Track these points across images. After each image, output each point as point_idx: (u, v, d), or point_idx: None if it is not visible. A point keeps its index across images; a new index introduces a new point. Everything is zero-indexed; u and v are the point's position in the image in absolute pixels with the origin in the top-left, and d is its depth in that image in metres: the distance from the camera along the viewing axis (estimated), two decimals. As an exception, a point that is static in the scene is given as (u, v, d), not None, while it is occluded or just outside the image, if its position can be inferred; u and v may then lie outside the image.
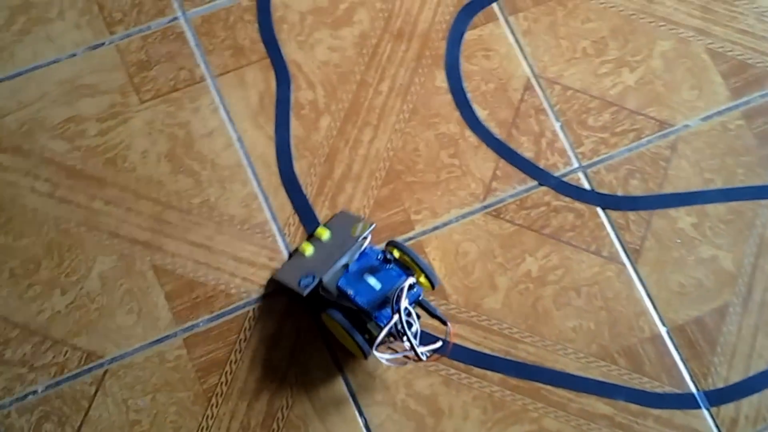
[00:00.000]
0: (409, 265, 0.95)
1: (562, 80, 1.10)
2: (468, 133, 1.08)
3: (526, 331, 1.02)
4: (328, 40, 1.10)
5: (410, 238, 1.04)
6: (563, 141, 1.08)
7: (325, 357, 1.00)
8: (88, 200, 1.02)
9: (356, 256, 0.95)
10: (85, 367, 0.98)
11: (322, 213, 1.04)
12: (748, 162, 1.08)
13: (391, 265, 0.94)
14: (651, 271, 1.05)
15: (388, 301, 0.90)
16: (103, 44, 1.07)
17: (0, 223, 1.01)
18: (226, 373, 0.99)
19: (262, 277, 1.02)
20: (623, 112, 1.09)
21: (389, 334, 0.88)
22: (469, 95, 1.09)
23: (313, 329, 1.00)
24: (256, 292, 1.01)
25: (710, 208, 1.07)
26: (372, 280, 0.93)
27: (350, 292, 0.92)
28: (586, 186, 1.07)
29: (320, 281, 0.95)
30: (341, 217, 1.04)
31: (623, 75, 1.11)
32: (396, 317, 0.87)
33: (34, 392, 0.97)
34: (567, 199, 1.06)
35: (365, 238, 0.97)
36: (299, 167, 1.05)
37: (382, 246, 0.98)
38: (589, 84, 1.10)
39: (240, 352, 1.00)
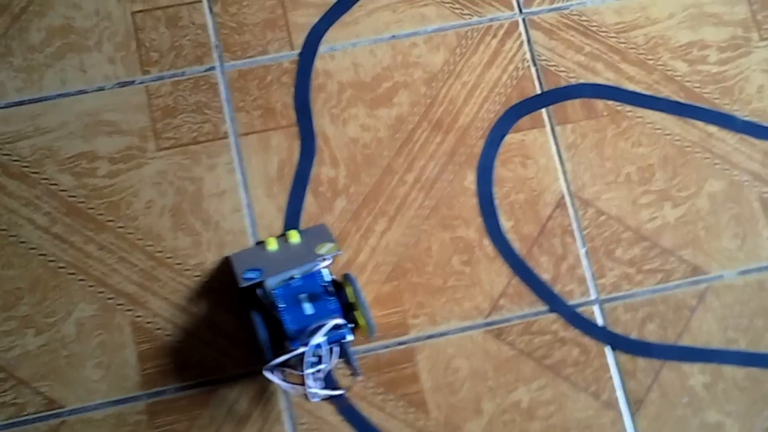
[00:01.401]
0: (354, 305, 0.91)
1: (598, 203, 1.02)
2: (486, 242, 1.01)
3: (502, 465, 0.95)
4: (362, 117, 1.03)
5: (402, 342, 0.98)
6: (585, 268, 1.00)
7: (291, 448, 0.95)
8: (83, 242, 0.98)
9: (306, 273, 0.91)
10: (43, 414, 0.94)
11: (316, 299, 0.98)
12: (780, 329, 0.99)
13: (333, 298, 0.90)
14: (649, 426, 0.97)
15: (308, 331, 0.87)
16: (133, 83, 1.03)
17: (-7, 247, 0.98)
18: (185, 447, 0.94)
19: (241, 354, 0.96)
20: (656, 249, 1.01)
21: (295, 361, 0.86)
22: (496, 202, 1.02)
23: (280, 419, 0.95)
24: (230, 370, 0.96)
25: (727, 369, 0.98)
26: (307, 305, 0.89)
27: (281, 306, 0.89)
28: (599, 321, 0.99)
29: (262, 281, 0.91)
30: (318, 230, 0.99)
31: (664, 209, 1.02)
32: (302, 350, 0.85)
33: (-10, 427, 0.94)
34: (576, 331, 0.99)
35: (324, 259, 0.92)
36: (303, 246, 0.99)
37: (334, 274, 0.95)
38: (625, 212, 1.02)
39: (202, 428, 0.94)
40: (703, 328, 0.99)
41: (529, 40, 1.07)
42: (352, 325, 0.90)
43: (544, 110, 1.05)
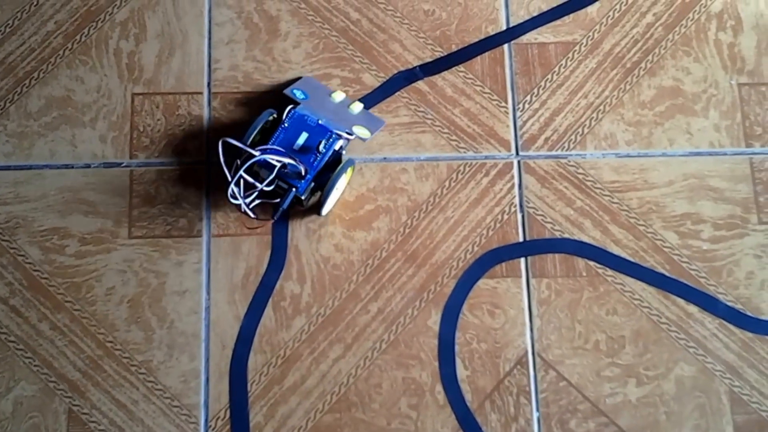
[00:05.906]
0: (330, 177, 0.90)
1: (561, 367, 0.92)
2: (439, 388, 0.91)
3: None
4: (338, 236, 0.95)
5: (332, 478, 0.89)
6: (534, 434, 0.90)
7: None
8: (37, 318, 0.91)
9: (329, 126, 0.91)
10: (-37, 489, 0.87)
11: (254, 420, 0.89)
12: None
13: (319, 157, 0.90)
14: None
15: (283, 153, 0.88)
16: (119, 165, 0.96)
17: (-50, 308, 0.91)
18: None
19: (168, 463, 0.88)
20: (611, 428, 0.91)
21: (245, 158, 0.86)
22: (457, 348, 0.92)
23: None
24: (155, 477, 0.88)
25: None
26: (299, 145, 0.90)
27: (285, 124, 0.90)
28: (538, 493, 0.89)
29: (298, 104, 0.93)
30: (375, 121, 0.97)
31: (628, 386, 0.92)
32: (253, 151, 0.85)
33: None
34: (512, 498, 0.89)
35: (348, 133, 0.92)
36: (253, 361, 0.91)
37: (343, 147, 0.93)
38: (587, 382, 0.92)
39: None
40: None
41: (520, 185, 0.97)
42: (318, 194, 0.92)
43: (522, 260, 0.95)
